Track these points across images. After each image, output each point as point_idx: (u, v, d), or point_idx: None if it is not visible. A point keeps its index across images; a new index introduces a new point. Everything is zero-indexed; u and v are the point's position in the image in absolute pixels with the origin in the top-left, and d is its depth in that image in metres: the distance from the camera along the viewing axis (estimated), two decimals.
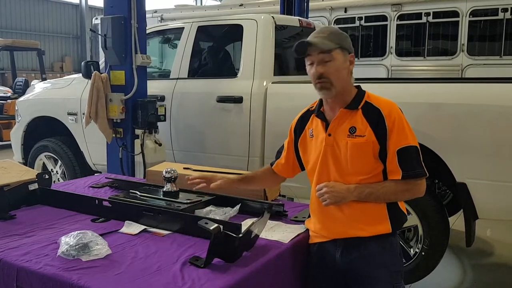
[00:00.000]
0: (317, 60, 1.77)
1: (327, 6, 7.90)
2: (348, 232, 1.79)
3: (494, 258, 4.10)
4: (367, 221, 1.77)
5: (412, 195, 1.78)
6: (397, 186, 1.74)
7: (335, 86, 1.77)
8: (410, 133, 1.76)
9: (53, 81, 5.54)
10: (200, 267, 1.56)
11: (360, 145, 1.75)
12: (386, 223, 1.78)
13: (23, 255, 1.66)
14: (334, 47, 1.76)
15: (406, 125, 1.76)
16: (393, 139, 1.72)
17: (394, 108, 1.77)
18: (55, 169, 4.90)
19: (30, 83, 9.26)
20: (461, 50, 7.03)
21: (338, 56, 1.77)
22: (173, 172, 2.28)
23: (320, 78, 1.77)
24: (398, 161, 1.72)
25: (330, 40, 1.76)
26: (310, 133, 1.93)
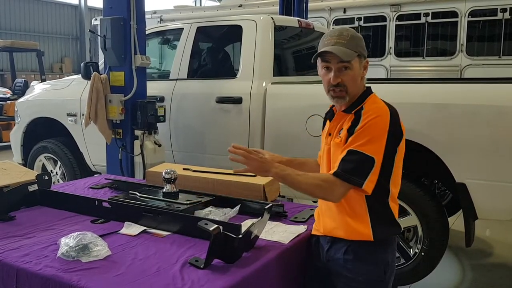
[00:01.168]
0: (335, 68, 1.74)
1: (326, 6, 7.91)
2: (335, 231, 1.80)
3: (494, 258, 4.11)
4: (351, 224, 1.76)
5: (324, 195, 1.73)
6: (314, 179, 1.70)
7: (349, 94, 1.76)
8: (375, 144, 1.66)
9: (52, 82, 5.54)
10: (200, 268, 1.56)
11: (336, 146, 1.77)
12: (367, 230, 1.74)
13: (23, 256, 1.66)
14: (354, 55, 1.73)
15: (376, 134, 1.67)
16: (353, 138, 1.68)
17: (374, 113, 1.70)
18: (55, 170, 4.90)
19: (29, 84, 9.25)
20: (460, 51, 7.04)
21: (356, 64, 1.74)
22: (172, 173, 2.28)
23: (336, 86, 1.75)
24: (342, 159, 1.68)
25: (351, 47, 1.72)
26: (326, 129, 1.95)
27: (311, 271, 1.93)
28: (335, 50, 1.71)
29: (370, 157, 1.65)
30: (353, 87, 1.76)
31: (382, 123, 1.69)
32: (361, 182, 1.66)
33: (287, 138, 3.58)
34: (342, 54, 1.70)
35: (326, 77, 1.78)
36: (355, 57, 1.74)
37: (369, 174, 1.66)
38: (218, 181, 2.48)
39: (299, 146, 3.46)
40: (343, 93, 1.75)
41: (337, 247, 1.79)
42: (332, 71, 1.75)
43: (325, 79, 1.78)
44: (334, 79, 1.74)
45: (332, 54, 1.72)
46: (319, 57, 1.78)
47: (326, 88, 1.80)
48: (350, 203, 1.75)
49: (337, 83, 1.74)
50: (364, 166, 1.66)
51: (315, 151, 2.04)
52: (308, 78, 4.39)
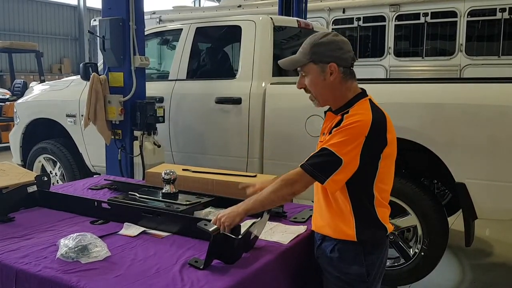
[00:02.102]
0: (300, 74, 1.84)
1: (325, 7, 7.91)
2: (323, 229, 1.83)
3: (493, 258, 4.11)
4: (335, 222, 1.78)
5: (289, 189, 1.74)
6: (277, 183, 1.74)
7: (317, 99, 1.84)
8: (347, 146, 1.66)
9: (51, 83, 5.54)
10: (199, 268, 1.56)
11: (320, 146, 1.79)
12: (351, 230, 1.75)
13: (22, 257, 1.65)
14: (303, 62, 1.79)
15: (350, 137, 1.66)
16: (329, 137, 1.71)
17: (355, 118, 1.69)
18: (54, 171, 4.90)
19: (28, 85, 9.24)
20: (459, 50, 7.05)
21: (311, 69, 1.79)
22: (172, 174, 2.28)
23: (306, 91, 1.85)
24: (313, 154, 1.72)
25: (304, 53, 1.78)
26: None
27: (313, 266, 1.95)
28: (284, 61, 1.87)
29: (338, 157, 1.66)
30: (317, 92, 1.82)
31: (360, 128, 1.67)
32: (323, 179, 1.69)
33: (286, 138, 3.58)
34: (287, 62, 1.86)
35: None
36: (307, 63, 1.78)
37: (333, 173, 1.67)
38: (218, 182, 2.48)
39: (298, 146, 3.46)
40: (312, 97, 1.85)
41: (326, 244, 1.83)
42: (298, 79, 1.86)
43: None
44: (298, 84, 1.86)
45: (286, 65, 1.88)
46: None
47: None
48: (337, 203, 1.77)
49: (301, 87, 1.86)
50: (329, 164, 1.68)
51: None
52: None
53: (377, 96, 1.86)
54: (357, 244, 1.76)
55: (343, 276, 1.79)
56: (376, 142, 1.70)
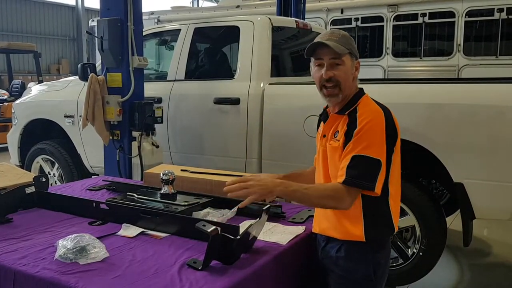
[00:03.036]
0: (327, 64, 1.75)
1: (323, 7, 7.92)
2: (328, 231, 1.82)
3: (492, 258, 4.12)
4: (342, 223, 1.76)
5: (336, 204, 1.69)
6: (324, 191, 1.69)
7: (342, 91, 1.76)
8: (377, 146, 1.67)
9: (49, 83, 5.54)
10: (198, 269, 1.56)
11: (333, 149, 1.76)
12: (359, 231, 1.74)
13: (20, 258, 1.65)
14: (345, 52, 1.74)
15: (376, 136, 1.68)
16: (354, 143, 1.67)
17: (370, 116, 1.70)
18: (52, 171, 4.89)
19: (26, 85, 9.22)
20: (457, 51, 7.06)
21: (347, 61, 1.76)
22: (170, 174, 2.28)
23: (328, 81, 1.75)
24: (348, 166, 1.66)
25: (342, 43, 1.74)
26: (320, 130, 1.96)
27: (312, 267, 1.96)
28: (327, 43, 1.72)
29: (376, 159, 1.66)
30: (345, 84, 1.76)
31: (379, 124, 1.70)
32: (372, 185, 1.66)
33: (285, 138, 3.58)
34: (335, 46, 1.71)
35: (318, 74, 1.78)
36: (346, 53, 1.75)
37: (378, 176, 1.67)
38: (216, 182, 2.48)
39: (297, 147, 3.46)
40: (336, 90, 1.75)
41: (331, 245, 1.82)
42: (324, 67, 1.76)
43: (317, 76, 1.79)
44: (326, 73, 1.74)
45: (324, 49, 1.73)
46: (312, 54, 1.78)
47: (318, 86, 1.80)
48: None
49: (329, 77, 1.74)
50: (372, 169, 1.66)
51: (313, 152, 2.04)
52: (306, 79, 4.39)
53: (375, 96, 1.86)
54: (365, 243, 1.75)
55: (350, 276, 1.78)
56: (391, 134, 1.72)
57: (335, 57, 1.74)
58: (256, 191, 1.65)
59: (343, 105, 1.80)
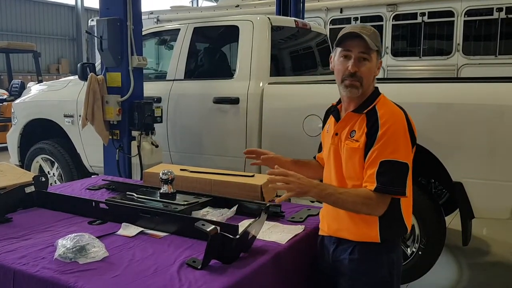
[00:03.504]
0: (355, 56, 1.70)
1: (322, 6, 7.92)
2: (340, 232, 1.80)
3: (490, 257, 4.12)
4: (358, 225, 1.74)
5: (370, 211, 1.68)
6: (358, 197, 1.65)
7: (363, 87, 1.72)
8: (403, 149, 1.66)
9: (49, 83, 5.54)
10: (197, 268, 1.56)
11: (352, 150, 1.72)
12: (375, 232, 1.72)
13: (20, 258, 1.65)
14: (375, 48, 1.71)
15: (401, 138, 1.66)
16: (380, 148, 1.64)
17: (393, 118, 1.68)
18: (52, 171, 4.90)
19: (26, 85, 9.22)
20: (456, 50, 7.06)
21: (374, 58, 1.73)
22: (170, 174, 2.28)
23: (352, 76, 1.71)
24: (377, 172, 1.64)
25: (373, 40, 1.70)
26: (327, 128, 1.92)
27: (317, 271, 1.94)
28: (369, 41, 1.67)
29: (404, 163, 1.65)
30: (367, 81, 1.73)
31: (402, 127, 1.68)
32: (403, 190, 1.65)
33: (284, 138, 3.58)
34: (369, 41, 1.67)
35: (342, 65, 1.73)
36: (375, 51, 1.71)
37: (407, 180, 1.66)
38: (216, 182, 2.49)
39: (296, 146, 3.46)
40: (358, 83, 1.71)
41: (343, 247, 1.79)
42: (351, 59, 1.71)
43: (341, 67, 1.74)
44: (353, 66, 1.70)
45: (355, 41, 1.68)
46: (341, 43, 1.73)
47: (340, 78, 1.75)
48: None
49: (355, 71, 1.70)
50: (401, 174, 1.65)
51: (312, 151, 2.05)
52: (305, 78, 4.39)
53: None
54: (379, 244, 1.73)
55: (365, 278, 1.75)
56: (412, 133, 1.72)
57: (365, 52, 1.69)
58: (294, 188, 1.63)
59: (360, 103, 1.76)
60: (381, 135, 1.65)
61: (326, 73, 4.86)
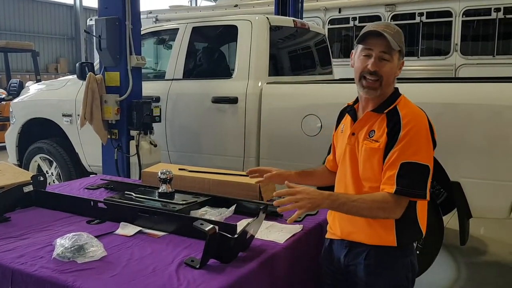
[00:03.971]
0: (376, 55, 1.67)
1: (321, 6, 7.92)
2: (354, 235, 1.76)
3: (488, 256, 4.13)
4: (374, 229, 1.70)
5: (387, 215, 1.64)
6: (374, 202, 1.62)
7: (382, 87, 1.69)
8: (425, 151, 1.63)
9: (47, 82, 5.53)
10: (195, 268, 1.56)
11: (371, 150, 1.68)
12: (391, 236, 1.69)
13: (18, 257, 1.65)
14: (397, 48, 1.67)
15: (423, 140, 1.63)
16: (400, 150, 1.61)
17: (415, 119, 1.65)
18: (50, 170, 4.89)
19: (24, 84, 9.22)
20: (454, 50, 7.07)
21: (395, 59, 1.69)
22: (168, 173, 2.28)
23: (372, 75, 1.67)
24: (398, 174, 1.60)
25: (396, 39, 1.66)
26: (341, 128, 1.88)
27: (323, 276, 1.91)
28: (385, 34, 1.64)
29: (425, 166, 1.61)
30: (387, 81, 1.69)
31: (425, 128, 1.65)
32: (424, 193, 1.62)
33: (282, 138, 3.59)
34: (390, 40, 1.64)
35: (362, 63, 1.69)
36: (397, 51, 1.68)
37: (428, 182, 1.62)
38: (214, 181, 2.49)
39: (294, 146, 3.47)
40: (377, 84, 1.68)
41: (357, 251, 1.75)
42: (371, 58, 1.67)
43: (361, 66, 1.70)
44: (373, 65, 1.66)
45: (377, 40, 1.65)
46: (363, 41, 1.69)
47: (358, 76, 1.71)
48: None
49: (375, 70, 1.66)
50: (422, 176, 1.61)
51: (311, 151, 2.05)
52: (304, 78, 4.40)
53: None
54: (395, 248, 1.70)
55: (382, 282, 1.72)
56: (432, 135, 1.69)
57: (386, 52, 1.66)
58: (305, 204, 1.58)
59: (379, 103, 1.72)
60: (403, 135, 1.62)
61: (324, 73, 4.87)
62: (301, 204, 1.58)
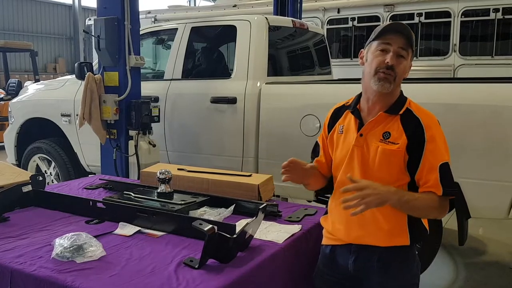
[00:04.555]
0: (394, 51, 1.66)
1: (320, 6, 7.93)
2: (364, 239, 1.73)
3: (487, 257, 4.14)
4: (386, 230, 1.70)
5: (439, 215, 1.69)
6: (433, 202, 1.63)
7: (395, 83, 1.68)
8: (447, 149, 1.69)
9: (46, 82, 5.52)
10: (194, 268, 1.57)
11: (391, 152, 1.66)
12: (405, 235, 1.70)
13: (17, 257, 1.65)
14: (412, 47, 1.71)
15: (444, 140, 1.69)
16: (433, 152, 1.64)
17: (434, 120, 1.70)
18: (49, 170, 4.89)
19: (23, 84, 9.21)
20: (453, 50, 7.08)
21: (409, 57, 1.71)
22: (167, 173, 2.28)
23: (388, 69, 1.66)
24: (440, 177, 1.63)
25: (413, 41, 1.70)
26: (340, 129, 1.83)
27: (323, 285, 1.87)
28: (404, 31, 1.67)
29: (449, 164, 1.68)
30: (400, 79, 1.70)
31: (441, 127, 1.71)
32: (457, 190, 1.68)
33: (281, 138, 3.59)
34: (409, 37, 1.67)
35: (379, 58, 1.68)
36: (411, 50, 1.70)
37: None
38: (213, 181, 2.49)
39: (293, 146, 3.47)
40: (391, 78, 1.67)
41: (367, 254, 1.74)
42: (389, 53, 1.66)
43: (378, 60, 1.68)
44: (392, 59, 1.65)
45: (397, 35, 1.67)
46: (381, 36, 1.69)
47: (373, 70, 1.68)
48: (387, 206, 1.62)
49: (392, 65, 1.65)
50: (452, 174, 1.67)
51: (309, 151, 2.03)
52: (303, 78, 4.40)
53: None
54: (408, 247, 1.72)
55: (397, 282, 1.73)
56: None
57: (404, 48, 1.67)
58: (372, 201, 1.54)
59: (391, 104, 1.71)
60: (430, 138, 1.64)
61: (323, 73, 4.87)
62: (368, 201, 1.53)
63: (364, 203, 1.53)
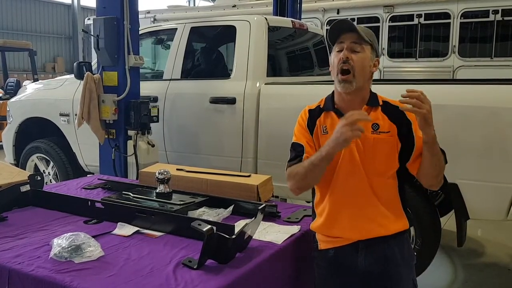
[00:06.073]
0: (347, 47, 1.74)
1: (319, 7, 7.94)
2: (372, 232, 1.77)
3: (485, 258, 4.14)
4: (391, 218, 1.79)
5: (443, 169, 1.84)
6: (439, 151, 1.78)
7: (356, 78, 1.72)
8: None
9: (45, 82, 5.52)
10: (193, 268, 1.56)
11: (384, 142, 1.75)
12: (404, 219, 1.83)
13: (15, 257, 1.65)
14: (368, 42, 1.75)
15: None
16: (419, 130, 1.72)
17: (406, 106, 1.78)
18: (47, 170, 4.88)
19: (21, 83, 9.19)
20: (452, 52, 7.10)
21: (367, 51, 1.76)
22: (166, 174, 2.28)
23: (345, 63, 1.72)
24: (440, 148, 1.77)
25: (366, 34, 1.76)
26: (323, 129, 1.83)
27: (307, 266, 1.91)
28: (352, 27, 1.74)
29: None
30: (360, 71, 1.73)
31: None
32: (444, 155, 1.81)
33: (280, 138, 3.58)
34: (360, 32, 1.73)
35: (336, 58, 1.75)
36: (368, 44, 1.76)
37: None
38: (212, 182, 2.48)
39: None
40: (350, 77, 1.72)
41: (376, 247, 1.78)
42: (344, 50, 1.74)
43: (336, 60, 1.76)
44: (344, 53, 1.73)
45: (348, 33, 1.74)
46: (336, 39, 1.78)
47: (335, 72, 1.76)
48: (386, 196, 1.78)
49: (347, 57, 1.72)
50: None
51: None
52: (302, 79, 4.40)
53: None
54: (407, 232, 1.86)
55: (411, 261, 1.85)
56: None
57: (357, 42, 1.74)
58: (425, 113, 1.60)
59: (369, 97, 1.80)
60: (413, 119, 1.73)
61: (323, 74, 4.87)
62: (422, 111, 1.59)
63: (418, 109, 1.59)
